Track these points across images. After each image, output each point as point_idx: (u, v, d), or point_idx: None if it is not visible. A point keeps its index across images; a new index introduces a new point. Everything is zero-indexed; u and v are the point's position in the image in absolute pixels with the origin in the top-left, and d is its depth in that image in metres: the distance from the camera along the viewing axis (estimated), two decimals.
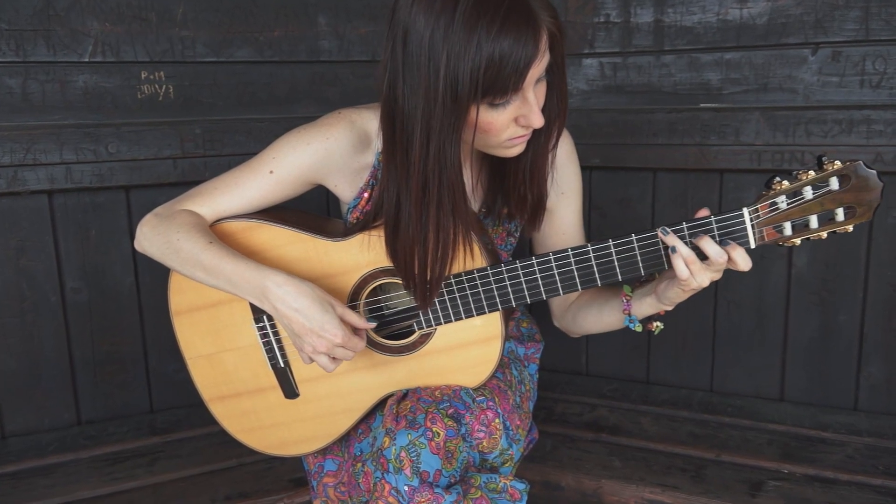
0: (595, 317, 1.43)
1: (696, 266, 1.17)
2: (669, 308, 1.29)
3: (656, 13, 1.85)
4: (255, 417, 1.45)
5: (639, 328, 1.35)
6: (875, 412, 1.79)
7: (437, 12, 1.06)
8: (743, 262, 1.17)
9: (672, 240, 1.17)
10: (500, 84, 1.07)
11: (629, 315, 1.34)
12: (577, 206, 1.45)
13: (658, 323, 1.35)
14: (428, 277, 1.22)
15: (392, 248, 1.24)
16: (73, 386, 1.88)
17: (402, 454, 1.19)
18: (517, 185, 1.31)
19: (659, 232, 1.19)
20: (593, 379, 2.03)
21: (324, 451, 1.47)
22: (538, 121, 1.14)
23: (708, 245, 1.16)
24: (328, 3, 1.92)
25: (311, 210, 1.52)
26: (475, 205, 1.39)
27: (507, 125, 1.16)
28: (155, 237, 1.31)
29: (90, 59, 1.77)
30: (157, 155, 1.82)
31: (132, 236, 1.87)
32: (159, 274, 1.89)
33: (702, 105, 1.84)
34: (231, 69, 1.88)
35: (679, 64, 1.85)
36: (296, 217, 1.40)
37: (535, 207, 1.34)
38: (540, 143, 1.26)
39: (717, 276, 1.21)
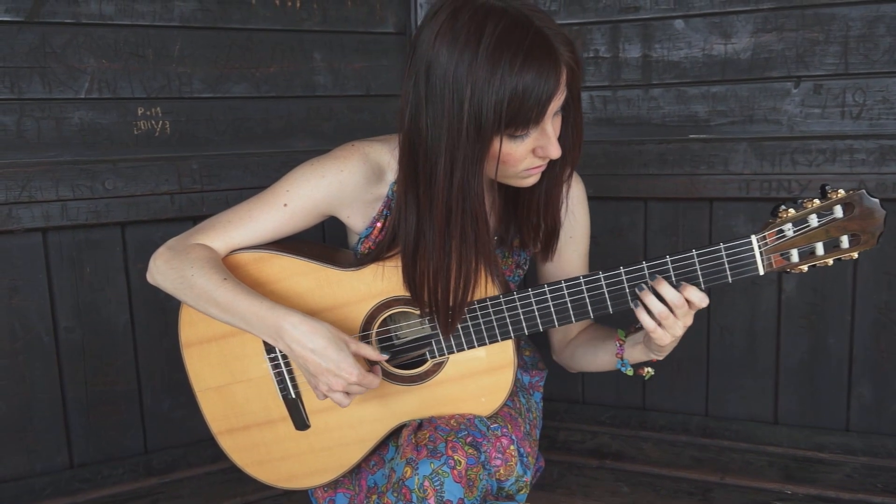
0: (590, 357, 1.44)
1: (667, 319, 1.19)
2: (660, 357, 1.31)
3: (644, 49, 1.92)
4: (264, 450, 1.43)
5: (630, 372, 1.37)
6: (867, 432, 1.84)
7: (461, 47, 1.09)
8: (698, 300, 1.19)
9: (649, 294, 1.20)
10: (522, 116, 1.10)
11: (621, 359, 1.36)
12: (584, 251, 1.48)
13: (649, 369, 1.37)
14: (451, 304, 1.23)
15: (410, 276, 1.25)
16: (65, 428, 1.83)
17: (426, 483, 1.18)
18: (531, 214, 1.33)
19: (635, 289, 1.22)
20: (591, 406, 2.05)
21: (334, 485, 1.45)
22: (556, 152, 1.17)
23: (666, 290, 1.19)
24: (323, 39, 1.95)
25: (308, 239, 1.51)
26: None
27: (525, 156, 1.18)
28: (169, 271, 1.31)
29: (86, 96, 1.76)
30: (155, 190, 1.81)
31: (128, 273, 1.86)
32: (154, 312, 1.89)
33: (691, 136, 1.90)
34: (227, 104, 1.89)
35: (667, 97, 1.92)
36: (306, 247, 1.40)
37: (549, 236, 1.36)
38: (555, 173, 1.29)
39: (689, 320, 1.22)
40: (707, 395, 1.97)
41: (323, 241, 2.00)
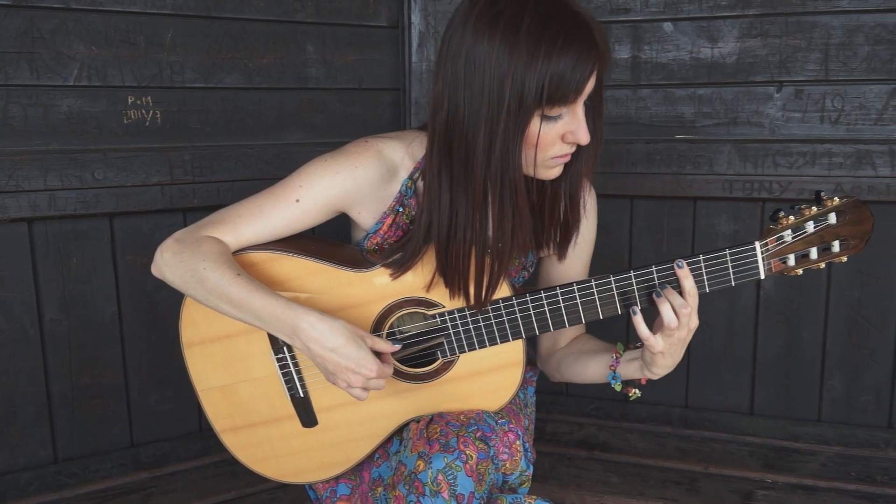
0: (581, 366, 1.46)
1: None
2: (653, 377, 1.33)
3: (633, 50, 1.96)
4: (269, 447, 1.44)
5: (618, 387, 1.39)
6: (838, 423, 1.94)
7: (503, 26, 1.12)
8: (679, 304, 1.24)
9: (685, 273, 1.24)
10: (561, 92, 1.14)
11: (614, 371, 1.38)
12: (587, 260, 1.51)
13: (636, 391, 1.40)
14: (486, 281, 1.26)
15: (444, 260, 1.26)
16: (50, 422, 1.80)
17: (440, 477, 1.21)
18: (555, 206, 1.35)
19: (674, 265, 1.26)
20: (574, 398, 2.10)
21: (336, 477, 1.47)
22: (585, 137, 1.20)
23: (686, 280, 1.24)
24: (316, 31, 1.94)
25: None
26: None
27: (555, 141, 1.21)
28: (177, 265, 1.29)
29: (75, 83, 1.72)
30: (146, 181, 1.78)
31: (116, 265, 1.82)
32: (142, 304, 1.86)
33: (677, 136, 1.95)
34: (219, 95, 1.86)
35: (655, 98, 1.96)
36: (314, 246, 1.40)
37: (567, 233, 1.39)
38: (578, 167, 1.31)
39: (694, 320, 1.25)
40: (687, 387, 2.05)
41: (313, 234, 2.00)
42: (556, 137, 1.21)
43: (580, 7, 1.17)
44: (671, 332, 1.24)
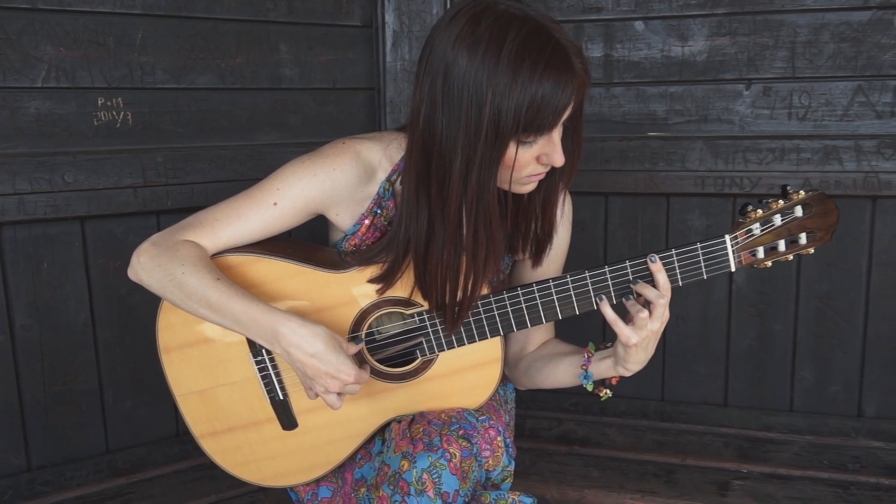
0: (551, 368, 1.46)
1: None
2: (626, 374, 1.34)
3: (606, 48, 1.98)
4: (249, 451, 1.43)
5: (590, 387, 1.41)
6: (809, 412, 1.98)
7: (483, 52, 1.11)
8: (655, 296, 1.26)
9: (658, 268, 1.26)
10: (538, 122, 1.14)
11: (586, 371, 1.39)
12: (561, 264, 1.52)
13: (607, 391, 1.42)
14: (458, 302, 1.26)
15: (422, 275, 1.27)
16: (22, 429, 1.77)
17: (424, 476, 1.21)
18: (528, 220, 1.36)
19: (647, 259, 1.28)
20: (553, 394, 2.12)
21: (317, 479, 1.47)
22: (560, 160, 1.21)
23: (660, 274, 1.26)
24: (289, 30, 1.93)
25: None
26: None
27: (529, 162, 1.21)
28: (155, 269, 1.28)
29: (43, 85, 1.69)
30: (118, 184, 1.75)
31: (88, 269, 1.80)
32: (115, 309, 1.84)
33: (650, 134, 1.98)
34: (192, 96, 1.84)
35: (627, 95, 1.99)
36: (291, 248, 1.40)
37: (541, 243, 1.40)
38: (553, 181, 1.32)
39: (666, 314, 1.27)
40: (663, 381, 2.08)
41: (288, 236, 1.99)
42: (532, 159, 1.21)
43: (561, 33, 1.15)
44: (644, 323, 1.26)
